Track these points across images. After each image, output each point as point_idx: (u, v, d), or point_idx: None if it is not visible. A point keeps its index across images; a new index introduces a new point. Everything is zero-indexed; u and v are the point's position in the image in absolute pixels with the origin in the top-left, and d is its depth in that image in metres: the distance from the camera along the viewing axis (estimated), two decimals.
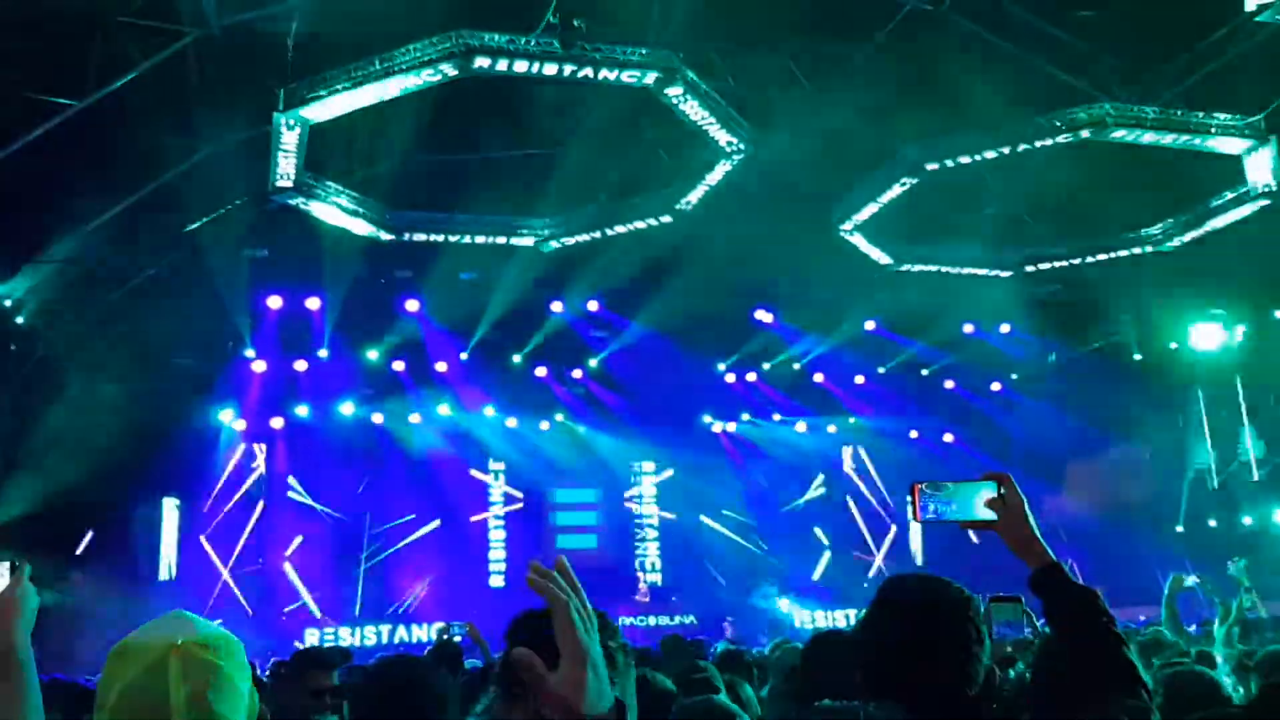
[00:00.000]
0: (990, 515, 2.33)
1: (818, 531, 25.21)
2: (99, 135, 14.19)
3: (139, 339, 18.56)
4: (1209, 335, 21.40)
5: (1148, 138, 15.81)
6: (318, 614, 21.44)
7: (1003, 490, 2.34)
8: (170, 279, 18.18)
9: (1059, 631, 2.23)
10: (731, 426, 25.37)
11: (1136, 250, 19.42)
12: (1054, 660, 2.53)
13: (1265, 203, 16.76)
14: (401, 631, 21.23)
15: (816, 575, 24.75)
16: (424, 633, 20.72)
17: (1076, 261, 20.01)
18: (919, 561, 23.56)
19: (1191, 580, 6.83)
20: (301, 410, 21.64)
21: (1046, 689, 2.45)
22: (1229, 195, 17.45)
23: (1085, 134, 15.61)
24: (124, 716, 1.67)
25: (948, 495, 2.39)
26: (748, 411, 25.08)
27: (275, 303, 19.98)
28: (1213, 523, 22.52)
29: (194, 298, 18.47)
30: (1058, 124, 15.72)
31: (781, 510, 25.21)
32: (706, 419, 24.99)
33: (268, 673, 7.99)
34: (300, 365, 21.05)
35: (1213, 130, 15.94)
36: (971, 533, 2.47)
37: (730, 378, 24.21)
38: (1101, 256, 19.79)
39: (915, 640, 2.11)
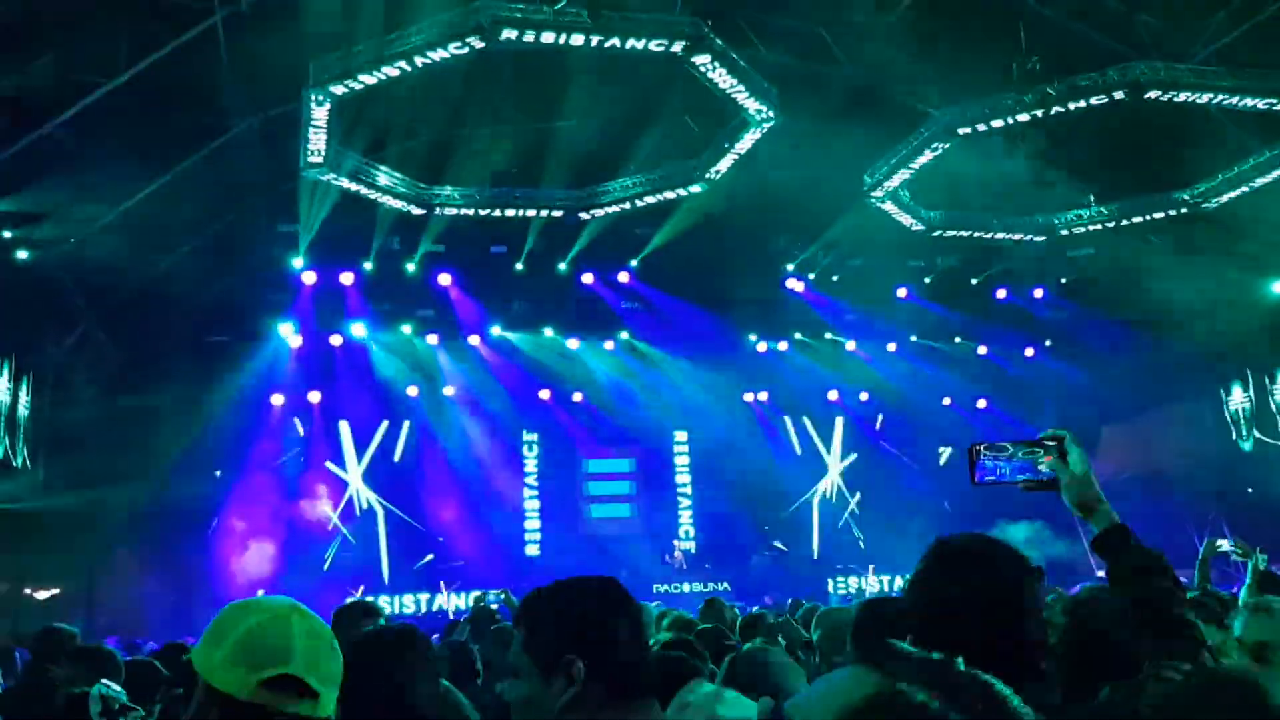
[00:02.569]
0: (1050, 475, 2.28)
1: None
2: (132, 113, 14.33)
3: (176, 315, 18.87)
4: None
5: (1183, 97, 15.49)
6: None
7: (1065, 450, 2.28)
8: (204, 257, 18.39)
9: (1124, 594, 2.18)
10: (764, 395, 25.37)
11: (1174, 212, 19.09)
12: (1089, 630, 2.48)
13: None
14: (441, 599, 21.50)
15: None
16: (462, 601, 20.98)
17: (1111, 225, 19.72)
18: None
19: (1226, 544, 6.79)
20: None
21: (1088, 657, 2.41)
22: (1269, 154, 17.13)
23: (1120, 95, 15.34)
24: (245, 653, 1.79)
25: (1007, 456, 2.32)
26: (779, 380, 25.05)
27: (309, 278, 20.16)
28: (1250, 489, 22.28)
29: (228, 275, 18.69)
30: (1092, 85, 15.46)
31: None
32: (738, 387, 24.99)
33: None
34: (335, 340, 21.27)
35: (1249, 88, 15.59)
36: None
37: (762, 346, 24.18)
38: (1138, 219, 19.47)
39: (969, 606, 2.01)
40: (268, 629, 1.83)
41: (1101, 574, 2.30)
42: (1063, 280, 23.25)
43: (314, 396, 21.89)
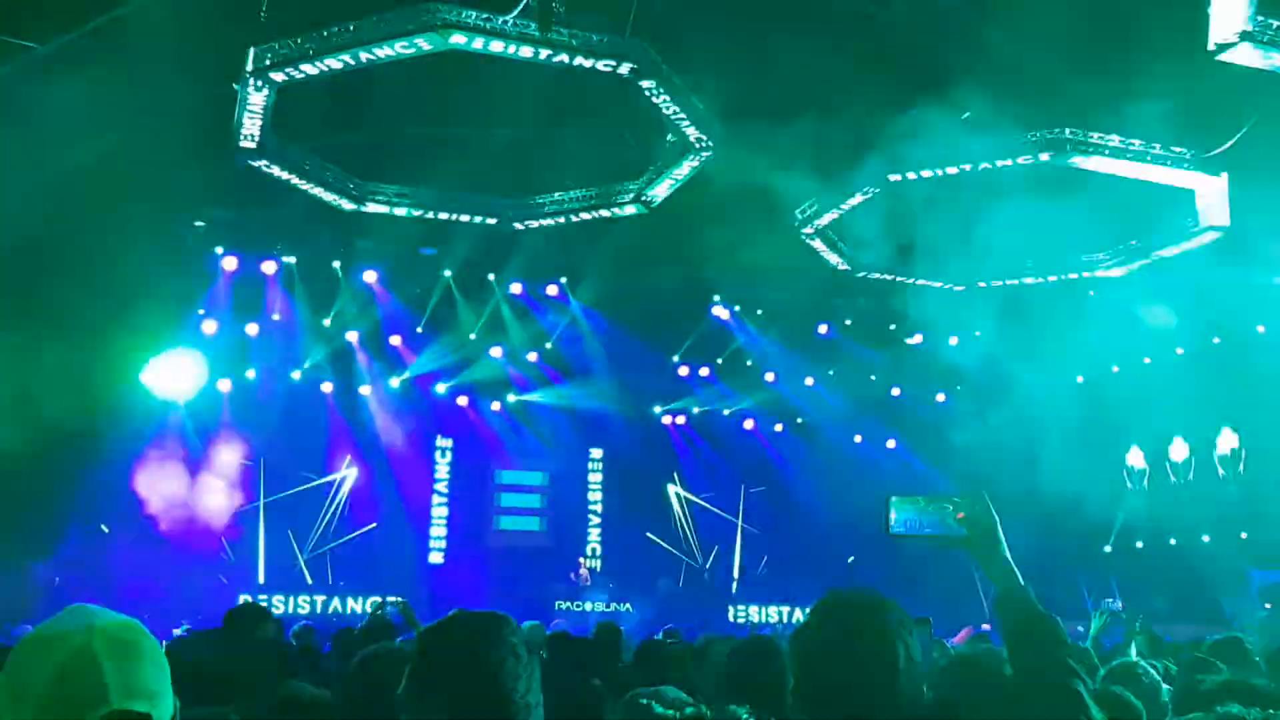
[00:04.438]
0: (961, 531, 2.32)
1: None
2: (67, 80, 13.92)
3: (88, 290, 18.26)
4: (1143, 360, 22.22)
5: (1104, 165, 16.13)
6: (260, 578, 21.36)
7: (976, 507, 2.33)
8: (121, 233, 17.86)
9: (1014, 655, 2.22)
10: (681, 419, 25.56)
11: (1086, 274, 19.81)
12: (971, 684, 2.56)
13: (1214, 235, 17.20)
14: (336, 603, 21.14)
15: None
16: (358, 605, 20.68)
17: (1028, 281, 20.36)
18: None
19: (1114, 605, 7.06)
20: (250, 374, 21.42)
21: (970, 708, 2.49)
22: (1180, 227, 17.86)
23: (1045, 157, 15.91)
24: (56, 707, 1.63)
25: (919, 509, 2.37)
26: (698, 405, 25.28)
27: (230, 264, 19.75)
28: (1139, 544, 23.10)
29: (148, 254, 18.18)
30: (1019, 145, 16.00)
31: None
32: (657, 409, 25.14)
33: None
34: (251, 329, 20.84)
35: (1167, 163, 16.29)
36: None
37: (683, 370, 24.38)
38: (1052, 278, 20.13)
39: (847, 660, 2.10)
40: (73, 671, 1.67)
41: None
42: (977, 333, 23.86)
43: (224, 385, 21.41)
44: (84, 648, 1.69)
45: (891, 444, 25.89)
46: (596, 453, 25.36)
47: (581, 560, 23.41)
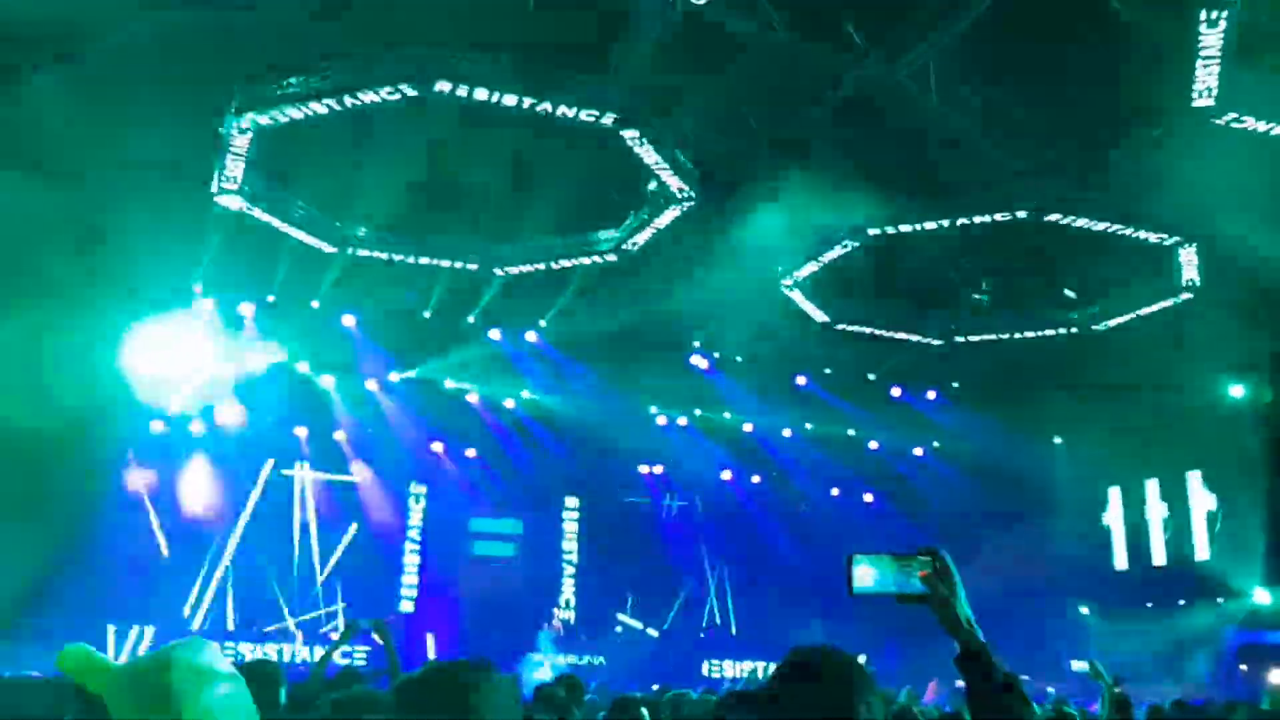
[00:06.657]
0: (923, 590, 2.33)
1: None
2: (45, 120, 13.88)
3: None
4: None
5: (1081, 223, 16.26)
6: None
7: (937, 565, 2.34)
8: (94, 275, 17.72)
9: (975, 714, 2.23)
10: (658, 468, 25.42)
11: (1065, 330, 19.91)
12: None
13: (1189, 296, 17.35)
14: (305, 651, 20.79)
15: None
16: (306, 653, 20.40)
17: (1005, 336, 20.45)
18: None
19: (1083, 665, 7.06)
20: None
21: None
22: (1156, 284, 18.03)
23: (1022, 214, 16.03)
24: None
25: (882, 567, 2.37)
26: (674, 454, 25.16)
27: (208, 305, 19.62)
28: (1117, 604, 23.02)
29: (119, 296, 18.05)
30: (997, 201, 16.12)
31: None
32: (633, 458, 24.99)
33: None
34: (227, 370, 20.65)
35: (1144, 221, 16.44)
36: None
37: (662, 419, 24.28)
38: (1030, 334, 20.24)
39: (813, 713, 2.13)
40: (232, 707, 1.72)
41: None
42: (955, 385, 23.95)
43: (197, 427, 21.17)
44: (240, 689, 1.76)
45: (869, 498, 25.84)
46: (572, 501, 25.16)
47: (555, 611, 23.13)
